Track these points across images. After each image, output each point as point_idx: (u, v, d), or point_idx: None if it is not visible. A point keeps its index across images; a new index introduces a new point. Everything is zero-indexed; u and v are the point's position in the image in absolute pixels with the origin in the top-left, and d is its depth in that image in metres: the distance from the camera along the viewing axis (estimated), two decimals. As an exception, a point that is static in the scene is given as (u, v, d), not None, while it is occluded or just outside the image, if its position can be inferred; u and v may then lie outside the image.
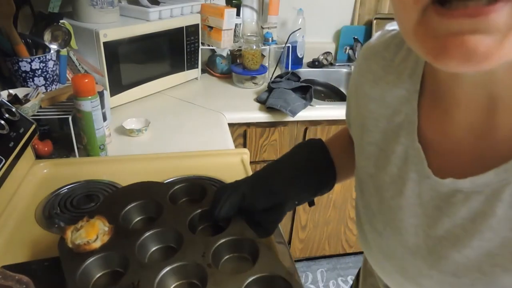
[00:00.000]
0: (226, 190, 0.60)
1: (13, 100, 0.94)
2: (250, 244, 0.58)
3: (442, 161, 0.39)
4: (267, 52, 1.70)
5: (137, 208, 0.67)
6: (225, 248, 0.58)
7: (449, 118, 0.39)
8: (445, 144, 0.39)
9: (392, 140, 0.44)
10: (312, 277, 1.90)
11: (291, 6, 1.76)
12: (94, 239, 0.57)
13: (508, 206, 0.34)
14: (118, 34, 1.24)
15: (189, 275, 0.55)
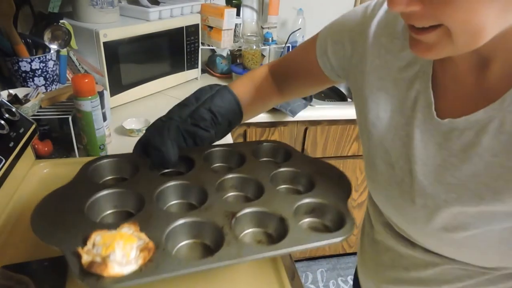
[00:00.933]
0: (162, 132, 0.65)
1: (13, 100, 0.94)
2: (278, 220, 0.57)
3: (444, 105, 0.50)
4: (267, 52, 1.70)
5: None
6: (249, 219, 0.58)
7: (453, 70, 0.49)
8: (449, 91, 0.50)
9: (405, 88, 0.53)
10: (312, 277, 1.90)
11: (291, 6, 1.77)
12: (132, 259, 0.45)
13: (492, 136, 0.44)
14: (118, 34, 1.24)
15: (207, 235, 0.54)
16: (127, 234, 0.48)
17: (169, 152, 0.63)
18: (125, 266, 0.44)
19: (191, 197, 0.62)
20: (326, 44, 0.64)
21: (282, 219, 0.55)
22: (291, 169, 0.68)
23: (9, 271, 0.57)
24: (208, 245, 0.54)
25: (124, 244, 0.46)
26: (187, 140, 0.67)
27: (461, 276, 0.54)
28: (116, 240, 0.46)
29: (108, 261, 0.43)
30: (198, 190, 0.61)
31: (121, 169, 0.68)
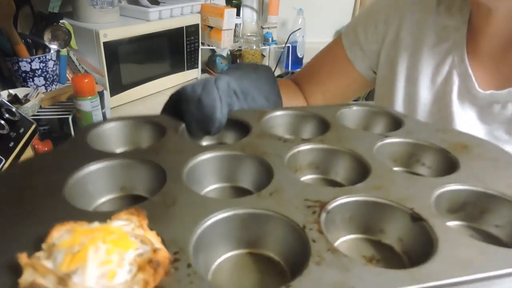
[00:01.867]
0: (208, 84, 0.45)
1: (13, 100, 0.94)
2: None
3: (480, 79, 0.50)
4: (267, 52, 1.70)
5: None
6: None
7: (486, 46, 0.50)
8: (481, 67, 0.50)
9: (436, 63, 0.53)
10: (312, 277, 1.90)
11: (291, 6, 1.76)
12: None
13: None
14: (118, 34, 1.24)
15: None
16: (119, 231, 0.25)
17: (214, 105, 0.42)
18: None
19: (243, 177, 0.40)
20: (357, 33, 0.63)
21: (416, 218, 0.31)
22: (409, 140, 0.43)
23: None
24: (275, 260, 0.31)
25: (108, 252, 0.23)
26: (240, 99, 0.48)
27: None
28: (93, 242, 0.23)
29: (66, 285, 0.21)
30: (255, 165, 0.39)
31: (138, 137, 0.45)
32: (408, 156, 0.43)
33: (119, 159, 0.37)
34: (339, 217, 0.33)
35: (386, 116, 0.49)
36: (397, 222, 0.32)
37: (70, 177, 0.34)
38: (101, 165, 0.36)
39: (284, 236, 0.30)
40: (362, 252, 0.32)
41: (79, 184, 0.35)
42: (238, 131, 0.46)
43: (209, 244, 0.30)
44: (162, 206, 0.31)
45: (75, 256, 0.23)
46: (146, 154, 0.38)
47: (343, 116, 0.49)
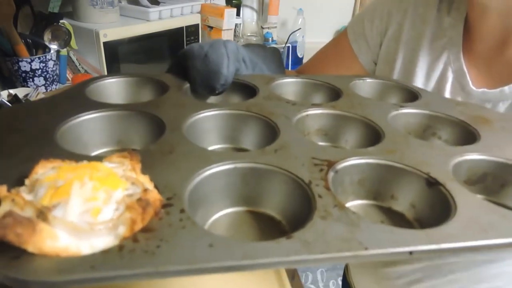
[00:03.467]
0: (216, 42, 0.44)
1: (13, 100, 0.94)
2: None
3: (473, 77, 0.50)
4: (267, 52, 1.70)
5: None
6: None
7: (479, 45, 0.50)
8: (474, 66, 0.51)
9: (432, 59, 0.54)
10: (312, 277, 1.90)
11: (291, 6, 1.76)
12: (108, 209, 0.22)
13: None
14: (118, 34, 1.24)
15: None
16: (108, 169, 0.24)
17: (221, 61, 0.41)
18: (83, 237, 0.20)
19: (246, 137, 0.37)
20: (362, 26, 0.64)
21: (432, 183, 0.29)
22: (426, 111, 0.41)
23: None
24: (276, 219, 0.29)
25: (94, 188, 0.21)
26: (248, 67, 0.48)
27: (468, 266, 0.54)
28: (79, 178, 0.22)
29: (46, 219, 0.20)
30: (260, 125, 0.36)
31: (139, 94, 0.43)
32: (424, 129, 0.41)
33: (116, 111, 0.35)
34: (348, 179, 0.31)
35: (402, 89, 0.47)
36: (411, 187, 0.30)
37: (63, 123, 0.31)
38: (98, 115, 0.34)
39: (287, 192, 0.28)
40: (371, 218, 0.29)
41: (72, 132, 0.32)
42: (244, 94, 0.43)
43: (206, 197, 0.27)
44: (159, 153, 0.29)
45: (58, 190, 0.21)
46: (145, 107, 0.36)
47: (357, 87, 0.47)
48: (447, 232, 0.25)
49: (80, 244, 0.20)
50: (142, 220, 0.21)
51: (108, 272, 0.19)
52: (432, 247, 0.23)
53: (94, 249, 0.20)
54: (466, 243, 0.24)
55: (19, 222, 0.18)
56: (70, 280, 0.18)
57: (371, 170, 0.31)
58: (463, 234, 0.24)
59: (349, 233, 0.23)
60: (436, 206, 0.28)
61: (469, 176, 0.33)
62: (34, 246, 0.19)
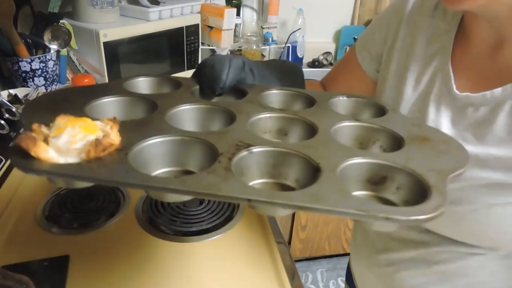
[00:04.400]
0: (223, 56, 0.56)
1: (13, 100, 0.94)
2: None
3: (460, 83, 0.52)
4: (267, 52, 1.70)
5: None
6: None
7: (471, 50, 0.51)
8: (465, 70, 0.52)
9: (424, 64, 0.56)
10: (312, 277, 1.90)
11: (291, 6, 1.77)
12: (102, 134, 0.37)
13: (507, 114, 0.46)
14: (118, 34, 1.24)
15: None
16: (92, 123, 0.38)
17: (222, 69, 0.52)
18: (62, 154, 0.35)
19: (214, 125, 0.48)
20: (366, 38, 0.67)
21: (316, 170, 0.37)
22: (372, 125, 0.47)
23: (9, 271, 0.57)
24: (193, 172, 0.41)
25: (78, 131, 0.37)
26: (255, 77, 0.57)
27: (452, 258, 0.56)
28: (72, 124, 0.37)
29: (48, 141, 0.35)
30: (224, 118, 0.47)
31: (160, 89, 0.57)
32: (368, 138, 0.48)
33: (131, 97, 0.49)
34: (263, 161, 0.40)
35: (374, 107, 0.55)
36: (306, 173, 0.38)
37: (93, 100, 0.47)
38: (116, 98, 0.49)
39: (204, 159, 0.39)
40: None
41: (96, 107, 0.47)
42: (239, 98, 0.53)
43: (152, 156, 0.40)
44: (139, 125, 0.43)
45: (59, 129, 0.37)
46: (152, 96, 0.50)
47: (337, 103, 0.55)
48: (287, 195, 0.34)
49: (59, 158, 0.35)
50: (94, 152, 0.35)
51: (67, 171, 0.34)
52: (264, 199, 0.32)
53: (62, 161, 0.35)
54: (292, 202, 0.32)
55: (28, 137, 0.34)
56: (47, 171, 0.34)
57: (281, 156, 0.40)
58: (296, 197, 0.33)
59: (217, 182, 0.33)
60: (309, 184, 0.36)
61: (370, 176, 0.40)
62: (34, 153, 0.34)
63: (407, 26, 0.59)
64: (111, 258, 0.65)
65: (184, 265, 0.64)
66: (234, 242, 0.69)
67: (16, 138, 0.34)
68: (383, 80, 0.62)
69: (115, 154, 0.36)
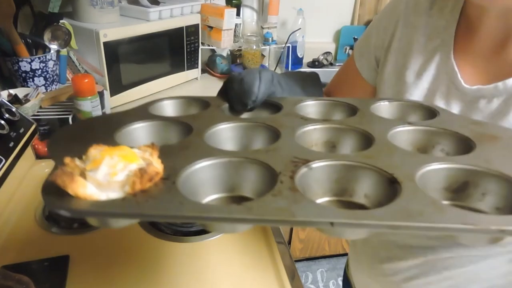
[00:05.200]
0: (252, 70, 0.54)
1: (13, 100, 0.94)
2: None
3: (467, 77, 0.51)
4: (267, 52, 1.70)
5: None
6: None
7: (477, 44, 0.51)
8: (468, 65, 0.51)
9: (424, 61, 0.55)
10: (312, 277, 1.90)
11: (291, 6, 1.76)
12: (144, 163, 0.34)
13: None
14: (118, 34, 1.24)
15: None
16: (130, 151, 0.34)
17: (253, 82, 0.50)
18: (103, 189, 0.31)
19: (257, 142, 0.44)
20: (363, 45, 0.67)
21: (392, 182, 0.33)
22: (431, 128, 0.44)
23: (9, 271, 0.57)
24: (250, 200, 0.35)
25: (117, 161, 0.33)
26: (284, 90, 0.56)
27: (463, 263, 0.55)
28: (110, 153, 0.33)
29: (85, 175, 0.32)
30: (267, 134, 0.44)
31: (189, 110, 0.54)
32: (426, 142, 0.44)
33: (161, 121, 0.47)
34: (323, 177, 0.36)
35: (421, 109, 0.51)
36: (378, 187, 0.34)
37: (122, 127, 0.44)
38: (147, 123, 0.46)
39: (263, 181, 0.35)
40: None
41: (127, 134, 0.44)
42: (272, 112, 0.51)
43: (200, 182, 0.36)
44: (177, 149, 0.39)
45: (96, 160, 0.33)
46: (184, 118, 0.47)
47: (379, 109, 0.51)
48: (372, 213, 0.29)
49: (100, 194, 0.31)
50: (140, 183, 0.31)
51: (111, 210, 0.30)
52: (350, 221, 0.27)
53: (108, 198, 0.31)
54: (383, 222, 0.27)
55: (65, 173, 0.30)
56: (90, 211, 0.30)
57: (345, 170, 0.36)
58: (385, 215, 0.28)
59: (287, 205, 0.29)
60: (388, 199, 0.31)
61: (448, 184, 0.35)
62: (72, 190, 0.30)
63: (404, 27, 0.59)
64: (111, 258, 0.65)
65: (184, 265, 0.64)
66: (234, 242, 0.69)
67: (50, 175, 0.30)
68: (380, 82, 0.62)
69: (161, 184, 0.32)
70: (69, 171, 0.31)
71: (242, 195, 0.36)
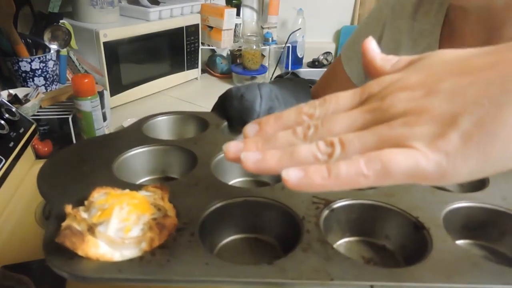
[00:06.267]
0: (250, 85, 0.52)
1: (13, 100, 0.94)
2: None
3: None
4: (267, 52, 1.70)
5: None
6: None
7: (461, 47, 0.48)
8: None
9: None
10: (312, 277, 1.90)
11: (291, 6, 1.76)
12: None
13: None
14: (118, 34, 1.24)
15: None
16: (142, 198, 0.31)
17: (254, 99, 0.48)
18: (117, 247, 0.27)
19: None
20: (352, 49, 0.66)
21: (419, 227, 0.31)
22: None
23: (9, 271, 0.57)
24: (274, 245, 0.34)
25: (129, 212, 0.29)
26: (281, 104, 0.54)
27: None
28: (120, 203, 0.29)
29: (93, 232, 0.28)
30: None
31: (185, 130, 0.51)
32: None
33: (160, 145, 0.44)
34: (344, 217, 0.34)
35: None
36: (401, 229, 0.33)
37: (120, 155, 0.41)
38: (145, 149, 0.43)
39: (285, 224, 0.33)
40: (362, 253, 0.34)
41: (126, 163, 0.41)
42: None
43: (218, 224, 0.33)
44: (186, 186, 0.35)
45: (104, 212, 0.29)
46: (185, 143, 0.44)
47: None
48: (410, 273, 0.27)
49: (113, 253, 0.28)
50: (158, 239, 0.28)
51: (130, 275, 0.26)
52: (391, 284, 0.26)
53: (123, 257, 0.28)
54: (424, 284, 0.26)
55: (74, 234, 0.27)
56: (103, 278, 0.26)
57: (366, 210, 0.34)
58: (425, 276, 0.26)
59: (321, 264, 0.27)
60: (419, 248, 0.30)
61: (466, 222, 0.35)
62: (83, 251, 0.27)
63: (390, 31, 0.59)
64: (111, 258, 0.65)
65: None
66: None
67: (57, 235, 0.27)
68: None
69: (177, 237, 0.29)
70: (78, 231, 0.27)
71: (261, 238, 0.35)
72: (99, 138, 0.49)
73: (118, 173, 0.38)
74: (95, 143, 0.44)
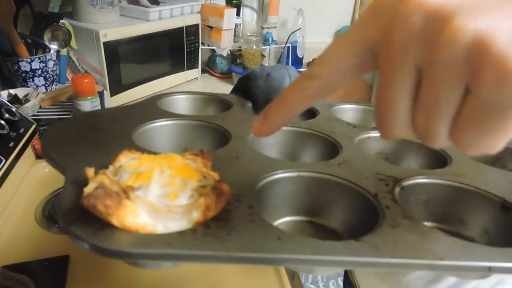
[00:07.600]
0: (277, 66, 0.49)
1: (13, 100, 0.94)
2: None
3: None
4: (267, 52, 1.70)
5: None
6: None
7: None
8: None
9: None
10: (312, 277, 1.90)
11: (291, 6, 1.76)
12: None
13: None
14: (118, 34, 1.24)
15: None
16: (182, 161, 0.26)
17: (283, 78, 0.45)
18: (161, 218, 0.22)
19: (306, 154, 0.37)
20: None
21: (508, 208, 0.27)
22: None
23: (9, 271, 0.57)
24: (337, 232, 0.29)
25: (172, 176, 0.23)
26: None
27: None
28: (159, 165, 0.24)
29: (130, 196, 0.22)
30: (321, 143, 0.37)
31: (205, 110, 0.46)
32: (493, 160, 0.38)
33: (185, 120, 0.37)
34: (413, 198, 0.29)
35: None
36: (483, 212, 0.28)
37: (138, 127, 0.34)
38: (169, 123, 0.37)
39: (351, 204, 0.27)
40: None
41: (145, 136, 0.34)
42: (304, 115, 0.43)
43: (269, 202, 0.28)
44: (226, 158, 0.30)
45: (141, 175, 0.23)
46: (212, 118, 0.38)
47: None
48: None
49: (156, 224, 0.22)
50: (215, 207, 0.23)
51: (183, 251, 0.20)
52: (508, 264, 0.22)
53: (168, 230, 0.22)
54: None
55: (109, 195, 0.20)
56: (149, 253, 0.20)
57: (439, 191, 0.30)
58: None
59: (420, 242, 0.22)
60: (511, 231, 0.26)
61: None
62: (118, 220, 0.21)
63: None
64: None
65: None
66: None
67: (85, 197, 0.20)
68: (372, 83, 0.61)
69: (232, 209, 0.24)
70: (114, 192, 0.21)
71: (328, 226, 0.28)
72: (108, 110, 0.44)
73: (138, 143, 0.33)
74: (105, 114, 0.38)
